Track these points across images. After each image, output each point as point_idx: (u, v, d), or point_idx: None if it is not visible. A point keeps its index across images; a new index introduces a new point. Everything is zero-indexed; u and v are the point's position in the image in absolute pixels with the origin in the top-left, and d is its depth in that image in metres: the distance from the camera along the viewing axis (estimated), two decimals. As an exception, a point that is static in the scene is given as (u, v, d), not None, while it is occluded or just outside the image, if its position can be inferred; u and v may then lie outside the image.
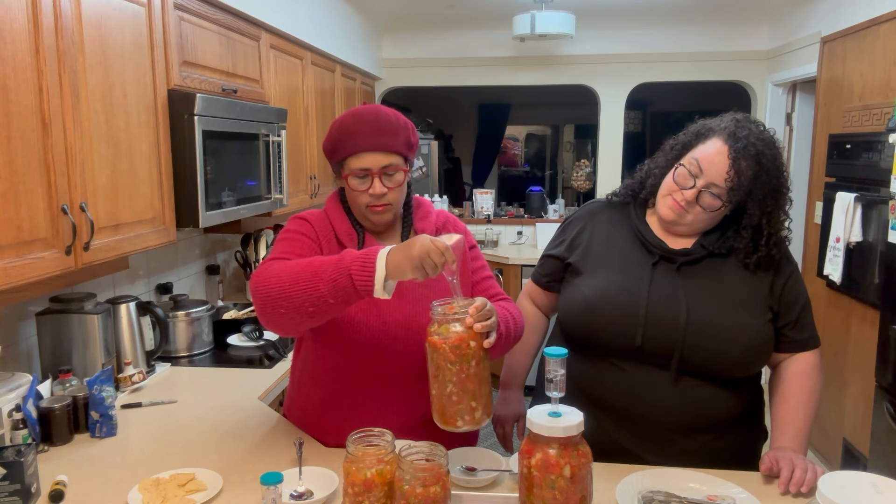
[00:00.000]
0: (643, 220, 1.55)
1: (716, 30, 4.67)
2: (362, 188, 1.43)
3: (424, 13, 4.63)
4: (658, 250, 1.49)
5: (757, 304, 1.45)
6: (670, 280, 1.46)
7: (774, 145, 1.44)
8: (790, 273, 1.49)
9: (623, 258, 1.52)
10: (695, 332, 1.41)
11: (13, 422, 1.54)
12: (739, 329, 1.42)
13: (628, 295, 1.45)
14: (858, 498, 1.07)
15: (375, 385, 1.49)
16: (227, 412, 1.84)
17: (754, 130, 1.43)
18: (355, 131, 1.42)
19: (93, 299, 2.00)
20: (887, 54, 2.96)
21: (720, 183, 1.40)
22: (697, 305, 1.43)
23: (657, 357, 1.44)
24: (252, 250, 3.13)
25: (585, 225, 1.61)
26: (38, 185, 1.50)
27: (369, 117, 1.43)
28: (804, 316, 1.50)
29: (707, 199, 1.43)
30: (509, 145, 8.99)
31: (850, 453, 3.13)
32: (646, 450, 1.47)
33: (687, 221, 1.46)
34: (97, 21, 1.71)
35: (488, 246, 4.88)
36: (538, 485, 1.09)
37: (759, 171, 1.40)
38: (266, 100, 2.77)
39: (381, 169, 1.42)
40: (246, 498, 1.34)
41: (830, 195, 3.19)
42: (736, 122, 1.45)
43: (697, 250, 1.48)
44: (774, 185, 1.43)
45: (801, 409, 1.47)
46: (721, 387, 1.45)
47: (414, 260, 1.19)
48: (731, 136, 1.41)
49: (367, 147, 1.41)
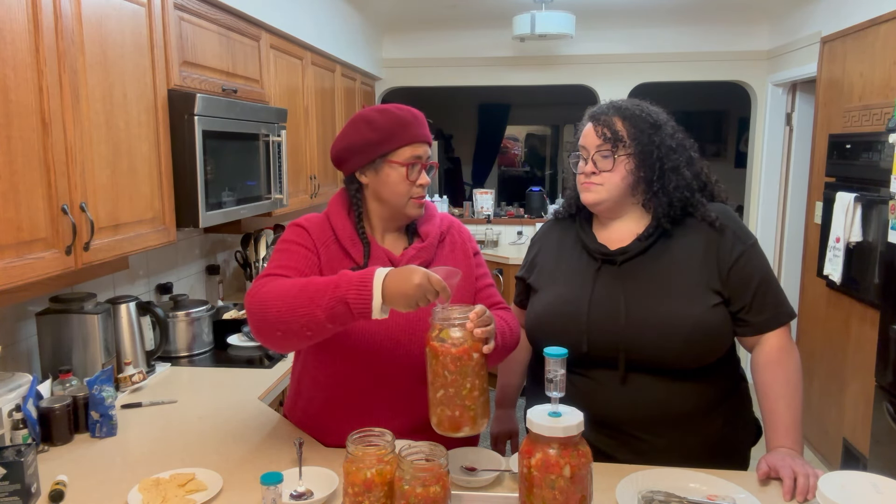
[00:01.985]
0: (587, 229, 1.58)
1: (716, 30, 4.67)
2: (413, 178, 1.47)
3: (424, 13, 4.64)
4: (599, 255, 1.52)
5: (699, 290, 1.44)
6: (611, 282, 1.49)
7: (635, 101, 1.56)
8: (740, 254, 1.46)
9: (570, 269, 1.56)
10: (635, 328, 1.43)
11: (13, 422, 1.54)
12: (679, 319, 1.41)
13: (572, 305, 1.50)
14: (858, 498, 1.07)
15: (376, 389, 1.49)
16: (227, 412, 1.84)
17: (615, 100, 1.58)
18: (411, 122, 1.46)
19: (93, 299, 2.00)
20: (887, 54, 2.96)
21: (599, 141, 1.49)
22: (636, 302, 1.45)
23: (604, 359, 1.46)
24: (252, 250, 3.13)
25: (540, 244, 1.69)
26: (38, 185, 1.50)
27: (409, 111, 1.48)
28: (760, 296, 1.46)
29: (600, 162, 1.50)
30: (509, 145, 8.99)
31: (850, 453, 3.13)
32: (618, 450, 1.48)
33: (603, 195, 1.50)
34: (97, 21, 1.71)
35: (488, 246, 4.88)
36: (538, 485, 1.09)
37: (625, 114, 1.50)
38: (266, 100, 2.77)
39: (427, 160, 1.50)
40: (246, 498, 1.34)
41: (830, 195, 3.19)
42: (597, 105, 1.59)
43: (634, 245, 1.49)
44: (646, 118, 1.50)
45: (782, 402, 1.44)
46: (677, 380, 1.44)
47: (409, 298, 1.22)
48: (591, 112, 1.57)
49: (422, 137, 1.48)
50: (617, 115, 1.51)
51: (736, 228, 1.50)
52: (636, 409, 1.45)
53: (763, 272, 1.48)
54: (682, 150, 1.51)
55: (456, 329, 1.21)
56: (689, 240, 1.49)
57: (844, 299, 3.23)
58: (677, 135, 1.53)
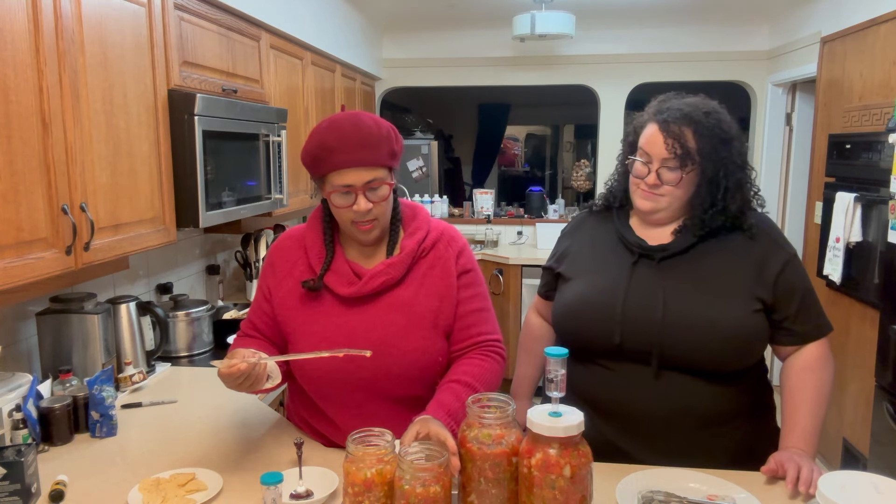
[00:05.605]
0: (625, 223, 1.58)
1: (716, 30, 4.67)
2: (346, 205, 1.39)
3: (424, 13, 4.64)
4: (637, 248, 1.51)
5: (740, 294, 1.44)
6: (650, 277, 1.48)
7: (704, 104, 1.48)
8: (785, 262, 1.46)
9: (605, 261, 1.55)
10: (672, 325, 1.42)
11: (13, 422, 1.54)
12: (718, 320, 1.41)
13: (606, 295, 1.48)
14: (858, 498, 1.07)
15: (354, 406, 1.49)
16: (227, 412, 1.84)
17: (677, 99, 1.50)
18: (335, 147, 1.35)
19: (93, 299, 2.00)
20: (887, 54, 2.96)
21: (668, 155, 1.45)
22: (675, 299, 1.44)
23: (637, 353, 1.45)
24: (252, 250, 3.13)
25: (573, 236, 1.67)
26: (38, 185, 1.50)
27: (349, 129, 1.36)
28: (805, 307, 1.47)
29: (666, 174, 1.46)
30: (509, 145, 8.99)
31: (850, 453, 3.13)
32: (638, 448, 1.47)
33: (663, 206, 1.49)
34: (97, 21, 1.71)
35: (488, 246, 4.88)
36: (538, 485, 1.09)
37: (697, 128, 1.44)
38: (266, 100, 2.77)
39: (364, 185, 1.37)
40: (246, 498, 1.34)
41: (830, 195, 3.19)
42: (659, 101, 1.53)
43: (675, 244, 1.48)
44: (718, 134, 1.45)
45: (807, 406, 1.45)
46: (711, 382, 1.44)
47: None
48: (657, 114, 1.49)
49: (349, 163, 1.35)
50: (688, 127, 1.44)
51: (778, 237, 1.50)
52: (668, 407, 1.44)
53: (807, 283, 1.49)
54: (747, 168, 1.49)
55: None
56: (730, 245, 1.48)
57: (844, 299, 3.23)
58: (744, 149, 1.50)
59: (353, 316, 1.46)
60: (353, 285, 1.45)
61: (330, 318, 1.47)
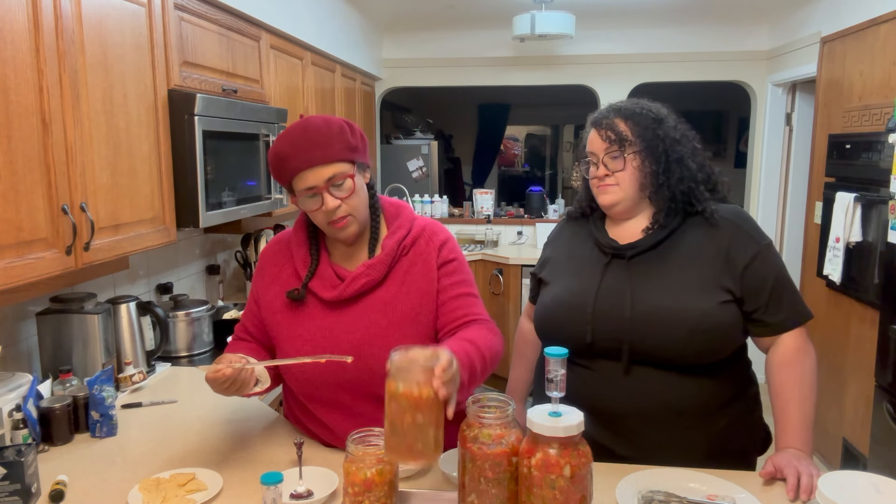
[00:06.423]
0: (600, 226, 1.61)
1: (716, 30, 4.67)
2: (315, 207, 1.41)
3: (424, 13, 4.63)
4: (609, 249, 1.54)
5: (707, 286, 1.44)
6: (620, 275, 1.50)
7: (635, 101, 1.58)
8: (755, 254, 1.46)
9: (580, 264, 1.58)
10: (639, 321, 1.43)
11: (13, 422, 1.54)
12: (684, 312, 1.42)
13: (579, 297, 1.51)
14: (858, 498, 1.07)
15: (342, 407, 1.49)
16: (227, 412, 1.84)
17: (613, 103, 1.60)
18: (289, 154, 1.38)
19: (93, 299, 2.00)
20: (887, 54, 2.96)
21: (606, 145, 1.51)
22: (642, 295, 1.46)
23: (609, 350, 1.47)
24: (252, 250, 3.13)
25: (554, 243, 1.72)
26: (38, 185, 1.50)
27: (297, 134, 1.39)
28: (776, 297, 1.46)
29: (611, 163, 1.52)
30: (509, 145, 8.99)
31: (850, 453, 3.13)
32: (618, 444, 1.48)
33: (619, 196, 1.52)
34: (97, 21, 1.71)
35: (488, 246, 4.88)
36: (538, 485, 1.09)
37: (626, 114, 1.52)
38: (266, 100, 2.77)
39: (326, 183, 1.38)
40: (246, 498, 1.34)
41: (830, 195, 3.19)
42: (597, 110, 1.62)
43: (644, 241, 1.51)
44: (648, 115, 1.51)
45: (794, 403, 1.45)
46: (684, 376, 1.44)
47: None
48: (592, 119, 1.59)
49: (303, 165, 1.37)
50: (618, 117, 1.53)
51: (749, 228, 1.50)
52: (637, 401, 1.46)
53: (778, 272, 1.49)
54: (685, 141, 1.53)
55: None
56: (699, 237, 1.49)
57: (844, 299, 3.23)
58: (679, 126, 1.55)
59: (335, 318, 1.48)
60: (335, 288, 1.47)
61: (313, 321, 1.49)
